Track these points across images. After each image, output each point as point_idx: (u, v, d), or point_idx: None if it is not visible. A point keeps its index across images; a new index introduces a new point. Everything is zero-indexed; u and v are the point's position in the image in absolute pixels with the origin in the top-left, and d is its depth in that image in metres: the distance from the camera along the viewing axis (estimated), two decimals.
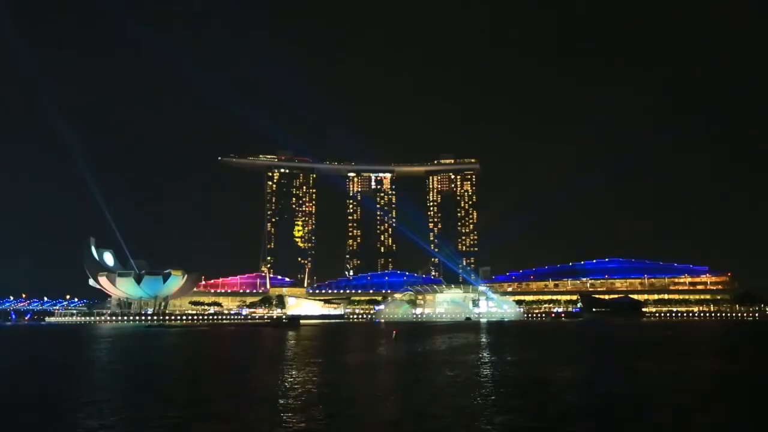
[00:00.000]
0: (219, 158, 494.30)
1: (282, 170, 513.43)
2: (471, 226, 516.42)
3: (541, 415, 25.86)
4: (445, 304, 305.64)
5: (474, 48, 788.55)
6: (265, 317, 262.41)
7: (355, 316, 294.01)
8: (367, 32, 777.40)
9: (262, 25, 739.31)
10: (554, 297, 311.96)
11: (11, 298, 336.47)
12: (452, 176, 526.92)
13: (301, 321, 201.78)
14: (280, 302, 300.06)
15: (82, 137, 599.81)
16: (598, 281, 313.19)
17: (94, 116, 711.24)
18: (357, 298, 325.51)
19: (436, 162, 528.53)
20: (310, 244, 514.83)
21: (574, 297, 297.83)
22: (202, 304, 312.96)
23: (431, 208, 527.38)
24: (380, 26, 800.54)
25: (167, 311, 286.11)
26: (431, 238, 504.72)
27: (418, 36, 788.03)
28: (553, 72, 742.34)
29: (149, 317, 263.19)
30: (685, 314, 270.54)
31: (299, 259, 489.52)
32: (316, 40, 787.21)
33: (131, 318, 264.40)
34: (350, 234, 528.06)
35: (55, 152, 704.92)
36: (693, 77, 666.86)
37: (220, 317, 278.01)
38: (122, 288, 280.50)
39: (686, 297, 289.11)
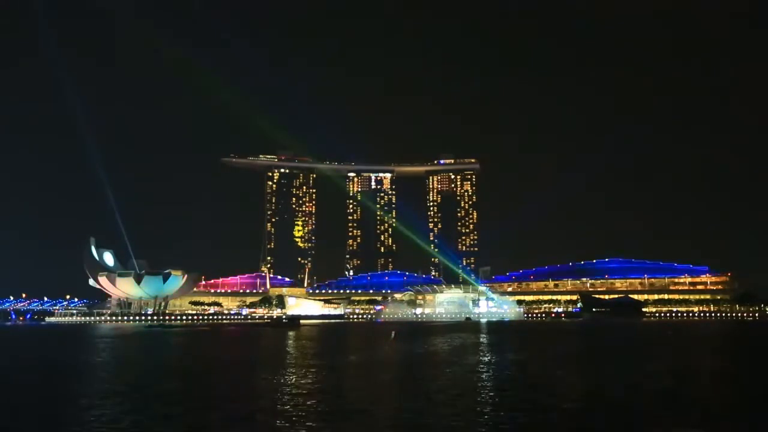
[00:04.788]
0: (220, 159, 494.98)
1: (282, 170, 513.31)
2: (471, 226, 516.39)
3: (541, 416, 25.83)
4: (445, 304, 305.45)
5: (474, 49, 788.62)
6: (265, 317, 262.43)
7: (355, 316, 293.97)
8: (367, 33, 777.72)
9: (263, 26, 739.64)
10: (554, 297, 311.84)
11: (11, 298, 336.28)
12: (452, 176, 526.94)
13: (301, 321, 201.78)
14: (280, 302, 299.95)
15: (82, 138, 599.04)
16: (598, 281, 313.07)
17: (94, 116, 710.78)
18: (357, 298, 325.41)
19: (436, 162, 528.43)
20: (310, 244, 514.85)
21: (574, 297, 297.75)
22: (202, 304, 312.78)
23: (431, 208, 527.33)
24: (380, 27, 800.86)
25: (167, 311, 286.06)
26: (431, 238, 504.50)
27: (418, 36, 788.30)
28: (553, 71, 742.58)
29: (149, 317, 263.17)
30: (685, 314, 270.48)
31: (299, 259, 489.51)
32: (316, 41, 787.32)
33: (131, 318, 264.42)
34: (350, 234, 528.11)
35: (55, 153, 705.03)
36: (692, 77, 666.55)
37: (220, 317, 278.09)
38: (122, 288, 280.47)
39: (686, 297, 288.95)
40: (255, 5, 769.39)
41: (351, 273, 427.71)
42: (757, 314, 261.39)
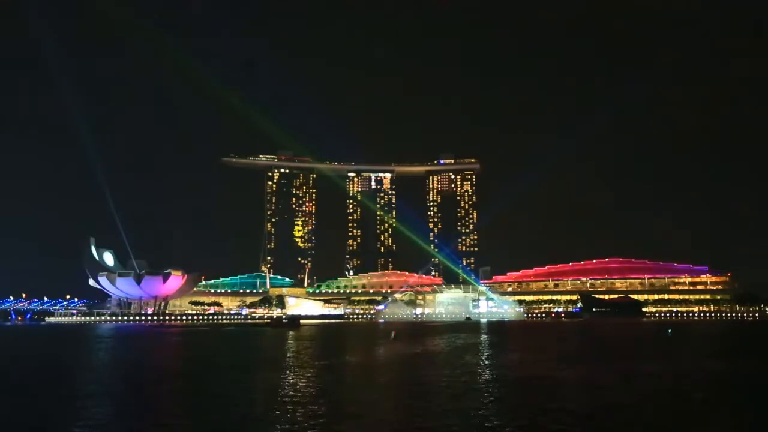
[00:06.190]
0: (220, 159, 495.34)
1: (282, 170, 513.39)
2: (471, 226, 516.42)
3: (542, 417, 25.80)
4: (445, 304, 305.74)
5: (473, 48, 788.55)
6: (265, 317, 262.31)
7: (355, 316, 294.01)
8: (367, 33, 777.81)
9: (263, 26, 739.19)
10: (554, 297, 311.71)
11: (11, 298, 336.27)
12: (452, 176, 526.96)
13: (301, 321, 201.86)
14: (280, 302, 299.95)
15: (82, 138, 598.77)
16: (598, 281, 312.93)
17: (93, 116, 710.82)
18: (357, 298, 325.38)
19: (436, 162, 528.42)
20: (310, 244, 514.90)
21: (574, 297, 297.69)
22: (202, 304, 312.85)
23: (431, 208, 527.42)
24: (380, 27, 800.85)
25: (167, 311, 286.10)
26: (431, 238, 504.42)
27: (418, 36, 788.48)
28: (553, 72, 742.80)
29: (149, 317, 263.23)
30: (685, 314, 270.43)
31: (299, 259, 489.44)
32: (316, 41, 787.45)
33: (131, 318, 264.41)
34: (350, 234, 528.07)
35: (56, 153, 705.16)
36: (693, 76, 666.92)
37: (220, 317, 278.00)
38: (122, 288, 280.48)
39: (686, 297, 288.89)
40: (255, 5, 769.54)
41: (351, 273, 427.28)
42: (757, 314, 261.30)
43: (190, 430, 24.28)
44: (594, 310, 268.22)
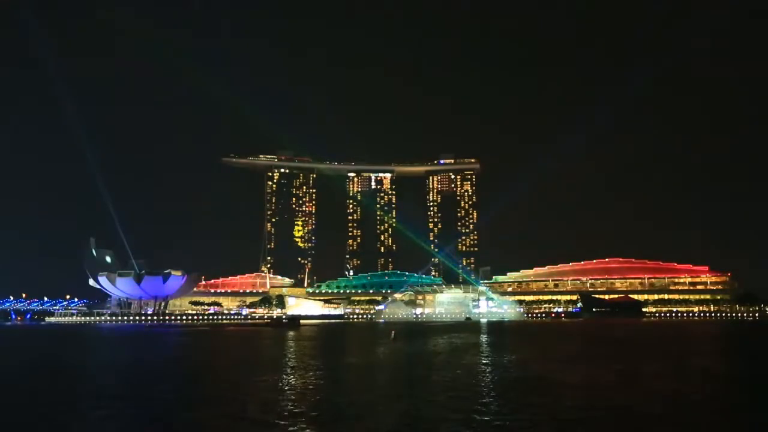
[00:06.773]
0: (220, 159, 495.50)
1: (282, 170, 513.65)
2: (471, 226, 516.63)
3: (542, 417, 25.76)
4: (445, 304, 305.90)
5: (474, 47, 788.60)
6: (265, 317, 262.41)
7: (355, 316, 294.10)
8: (367, 32, 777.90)
9: (263, 25, 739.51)
10: (554, 297, 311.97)
11: (11, 298, 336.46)
12: (452, 176, 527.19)
13: (301, 321, 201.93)
14: (280, 302, 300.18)
15: (82, 138, 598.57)
16: (598, 281, 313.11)
17: (93, 116, 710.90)
18: (357, 298, 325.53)
19: (436, 162, 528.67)
20: (310, 244, 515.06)
21: (574, 297, 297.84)
22: (202, 304, 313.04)
23: (431, 208, 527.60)
24: (380, 26, 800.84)
25: (167, 311, 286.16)
26: (431, 238, 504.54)
27: (418, 36, 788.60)
28: (554, 71, 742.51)
29: (149, 317, 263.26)
30: (685, 314, 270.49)
31: (299, 259, 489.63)
32: (316, 40, 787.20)
33: (131, 318, 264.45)
34: (350, 234, 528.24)
35: (55, 153, 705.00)
36: (693, 76, 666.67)
37: (220, 317, 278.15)
38: (122, 288, 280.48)
39: (686, 297, 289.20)
40: (255, 4, 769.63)
41: (351, 273, 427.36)
42: (757, 314, 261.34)
43: (188, 430, 24.27)
44: (594, 310, 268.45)
